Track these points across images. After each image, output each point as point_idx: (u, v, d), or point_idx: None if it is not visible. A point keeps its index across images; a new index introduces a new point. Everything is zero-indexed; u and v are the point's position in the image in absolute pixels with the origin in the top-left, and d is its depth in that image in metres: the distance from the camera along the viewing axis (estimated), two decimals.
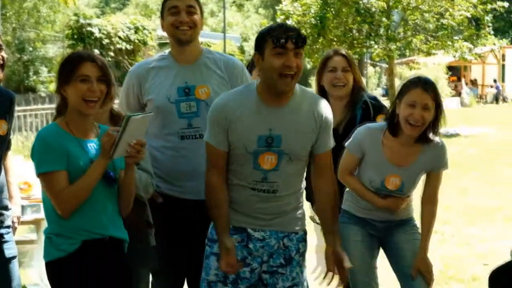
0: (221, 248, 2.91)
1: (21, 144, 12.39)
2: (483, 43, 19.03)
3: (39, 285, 4.89)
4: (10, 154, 3.67)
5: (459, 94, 31.57)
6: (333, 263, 3.03)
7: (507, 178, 10.16)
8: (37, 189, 4.86)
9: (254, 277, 2.95)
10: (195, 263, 3.27)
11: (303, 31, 17.50)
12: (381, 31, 17.65)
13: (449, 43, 17.79)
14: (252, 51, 3.54)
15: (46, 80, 22.74)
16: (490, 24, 18.59)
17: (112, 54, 20.01)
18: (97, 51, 17.92)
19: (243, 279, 2.93)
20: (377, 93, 27.62)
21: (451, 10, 17.54)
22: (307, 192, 3.28)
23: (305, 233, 3.08)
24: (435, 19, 18.03)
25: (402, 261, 3.43)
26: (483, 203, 8.30)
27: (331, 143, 3.00)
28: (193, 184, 3.28)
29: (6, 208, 3.51)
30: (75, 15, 21.11)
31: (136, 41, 20.82)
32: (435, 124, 3.26)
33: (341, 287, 3.22)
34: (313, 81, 4.06)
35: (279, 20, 19.31)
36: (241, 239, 2.95)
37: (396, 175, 3.34)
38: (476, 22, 18.17)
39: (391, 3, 17.61)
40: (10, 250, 3.47)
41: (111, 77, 2.85)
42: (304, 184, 3.07)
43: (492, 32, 19.39)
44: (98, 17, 25.42)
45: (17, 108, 5.22)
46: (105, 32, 20.25)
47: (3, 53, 3.42)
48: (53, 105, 12.88)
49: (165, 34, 3.48)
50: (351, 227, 3.45)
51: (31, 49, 23.67)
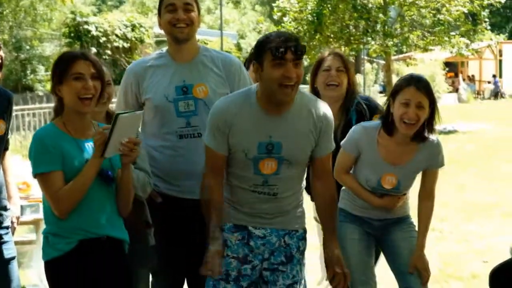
0: (208, 250, 2.87)
1: (19, 143, 12.38)
2: (480, 38, 19.04)
3: (38, 286, 4.88)
4: (8, 153, 3.67)
5: (456, 90, 31.57)
6: (331, 265, 2.98)
7: (505, 174, 10.18)
8: (36, 189, 4.85)
9: (255, 274, 2.95)
10: (194, 263, 3.27)
11: (300, 28, 17.81)
12: (378, 27, 17.65)
13: (446, 38, 17.80)
14: (249, 48, 3.52)
15: (43, 78, 22.70)
16: (486, 19, 18.59)
17: (109, 52, 19.99)
18: (94, 50, 17.92)
19: (245, 276, 2.93)
20: (375, 89, 27.59)
21: (447, 5, 17.55)
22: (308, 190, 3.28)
23: (305, 231, 3.08)
24: (431, 14, 18.03)
25: (399, 259, 3.43)
26: (481, 199, 8.31)
27: (332, 145, 3.00)
28: (192, 183, 3.27)
29: (5, 208, 3.51)
30: (72, 13, 21.09)
31: (133, 39, 20.79)
32: (430, 122, 3.26)
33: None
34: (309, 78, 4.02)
35: (275, 17, 19.33)
36: (242, 236, 2.95)
37: (392, 174, 3.34)
38: (472, 17, 18.18)
39: None
40: (9, 250, 3.47)
41: (105, 74, 2.85)
42: (304, 183, 3.07)
43: (489, 27, 19.40)
44: (94, 15, 25.40)
45: (15, 107, 5.21)
46: (102, 30, 20.23)
47: (1, 52, 3.41)
48: (51, 104, 12.87)
49: (162, 31, 3.46)
50: (348, 225, 3.45)
51: (28, 47, 23.65)
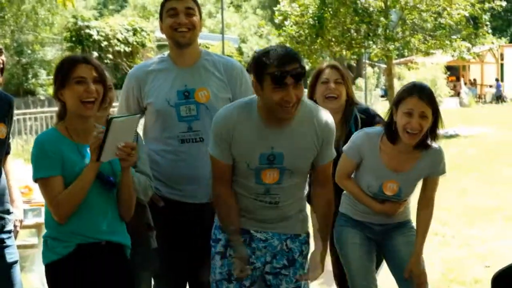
0: (236, 255, 2.91)
1: (21, 147, 12.39)
2: (482, 42, 18.94)
3: None
4: (9, 158, 3.66)
5: (458, 94, 31.53)
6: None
7: (506, 178, 10.15)
8: (37, 193, 4.84)
9: (256, 274, 2.97)
10: (196, 267, 3.27)
11: (301, 32, 17.80)
12: (379, 30, 17.63)
13: (447, 42, 17.76)
14: (250, 52, 3.51)
15: (45, 83, 22.75)
16: (488, 23, 18.54)
17: (110, 56, 20.03)
18: (95, 54, 17.94)
19: (247, 276, 2.94)
20: (376, 93, 27.57)
21: (449, 9, 17.52)
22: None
23: (308, 235, 3.09)
24: (433, 18, 18.00)
25: (400, 263, 3.42)
26: (482, 204, 8.29)
27: (333, 153, 3.01)
28: (194, 187, 3.28)
29: (7, 212, 3.48)
30: (73, 17, 21.16)
31: (134, 43, 20.84)
32: (433, 129, 3.24)
33: None
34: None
35: (277, 20, 19.33)
36: (244, 239, 2.97)
37: (393, 181, 3.33)
38: (474, 21, 18.15)
39: (389, 3, 17.59)
40: (11, 255, 3.44)
41: (107, 78, 2.85)
42: (306, 189, 3.08)
43: (490, 31, 19.35)
44: (96, 19, 25.47)
45: (16, 111, 5.21)
46: (104, 34, 20.28)
47: (3, 57, 3.41)
48: (53, 108, 12.89)
49: (163, 35, 3.46)
50: (349, 230, 3.46)
51: (29, 51, 23.69)
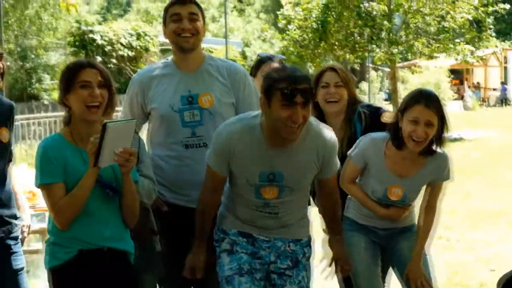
0: (191, 258, 3.05)
1: (25, 152, 12.38)
2: (485, 45, 18.93)
3: None
4: (11, 166, 3.60)
5: (461, 97, 31.49)
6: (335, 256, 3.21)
7: (510, 181, 10.15)
8: (41, 198, 4.84)
9: (263, 270, 2.99)
10: None
11: (305, 36, 17.81)
12: (383, 34, 17.60)
13: (451, 46, 17.73)
14: (254, 56, 3.51)
15: (49, 87, 22.75)
16: (491, 26, 18.52)
17: (114, 61, 20.05)
18: (99, 58, 17.97)
19: (257, 270, 2.97)
20: (380, 97, 27.56)
21: (452, 12, 17.51)
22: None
23: (310, 239, 3.10)
24: (436, 22, 17.98)
25: (405, 268, 3.39)
26: (486, 207, 8.29)
27: (336, 167, 3.03)
28: (198, 193, 3.27)
29: (14, 217, 3.44)
30: (77, 22, 21.18)
31: (138, 47, 20.85)
32: (439, 135, 3.22)
33: None
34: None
35: (280, 25, 19.33)
36: (247, 240, 3.01)
37: (398, 186, 3.32)
38: (477, 24, 18.13)
39: (392, 7, 17.59)
40: (18, 261, 3.41)
41: (112, 82, 2.84)
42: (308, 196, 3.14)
43: (493, 34, 19.33)
44: (99, 23, 25.46)
45: (20, 116, 5.22)
46: (107, 39, 20.29)
47: (3, 62, 3.41)
48: (57, 113, 12.91)
49: (167, 40, 3.46)
50: (354, 234, 3.45)
51: (33, 56, 23.69)
